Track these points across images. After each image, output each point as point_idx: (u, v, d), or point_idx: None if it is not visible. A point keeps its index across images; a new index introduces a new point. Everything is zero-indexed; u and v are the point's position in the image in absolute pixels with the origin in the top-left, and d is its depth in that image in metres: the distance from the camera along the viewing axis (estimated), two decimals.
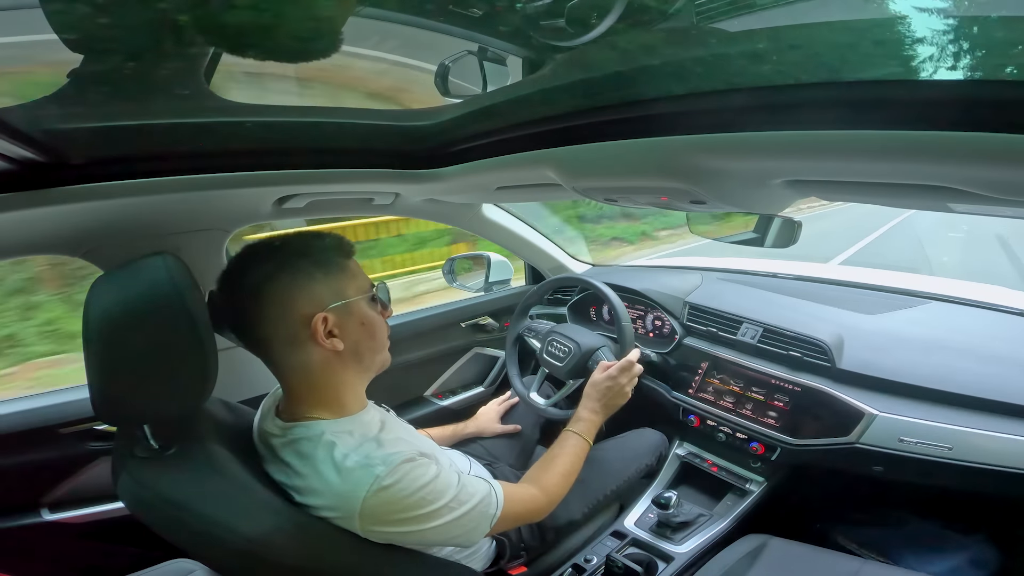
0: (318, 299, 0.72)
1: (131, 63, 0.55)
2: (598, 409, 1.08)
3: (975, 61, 0.41)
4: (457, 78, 0.73)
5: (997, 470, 0.98)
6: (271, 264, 0.71)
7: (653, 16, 0.57)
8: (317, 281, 0.72)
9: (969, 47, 0.41)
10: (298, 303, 0.71)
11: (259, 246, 0.74)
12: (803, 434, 1.18)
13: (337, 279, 0.74)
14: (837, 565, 0.99)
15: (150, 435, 0.67)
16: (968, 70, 0.42)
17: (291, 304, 0.70)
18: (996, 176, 0.47)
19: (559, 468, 0.96)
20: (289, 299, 0.70)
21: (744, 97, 0.55)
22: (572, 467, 0.98)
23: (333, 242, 0.76)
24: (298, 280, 0.71)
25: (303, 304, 0.71)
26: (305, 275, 0.71)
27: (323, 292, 0.72)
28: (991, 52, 0.41)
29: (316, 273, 0.72)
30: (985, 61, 0.41)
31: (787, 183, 0.70)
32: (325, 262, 0.73)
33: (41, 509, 1.06)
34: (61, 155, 0.68)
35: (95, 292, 0.63)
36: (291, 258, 0.72)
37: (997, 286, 1.44)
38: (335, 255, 0.75)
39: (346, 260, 0.76)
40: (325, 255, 0.74)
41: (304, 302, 0.71)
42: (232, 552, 0.64)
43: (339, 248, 0.76)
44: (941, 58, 0.42)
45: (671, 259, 2.01)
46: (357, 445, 0.70)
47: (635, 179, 0.79)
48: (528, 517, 0.90)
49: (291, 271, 0.71)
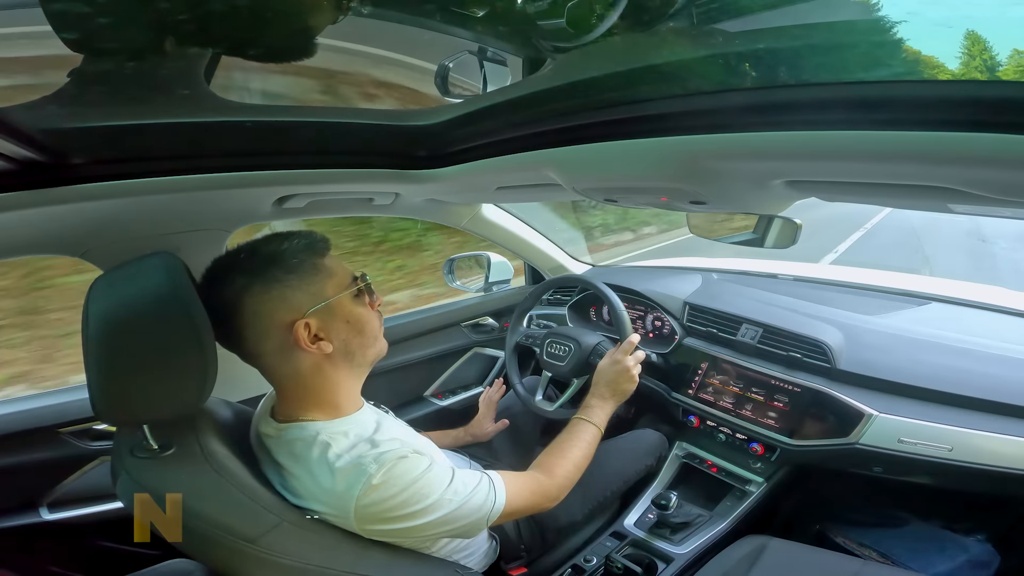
0: (296, 306, 0.70)
1: (131, 63, 0.55)
2: (607, 395, 1.07)
3: (972, 61, 0.41)
4: (457, 78, 0.73)
5: (997, 471, 0.98)
6: (242, 277, 0.69)
7: (653, 16, 0.57)
8: (292, 287, 0.70)
9: (966, 47, 0.42)
10: (277, 313, 0.69)
11: (228, 260, 0.72)
12: (803, 435, 1.18)
13: (313, 281, 0.71)
14: (837, 566, 0.98)
15: (149, 435, 0.67)
16: (966, 70, 0.42)
17: (270, 315, 0.69)
18: (996, 177, 0.47)
19: (568, 453, 0.94)
20: (267, 311, 0.69)
21: (744, 97, 0.55)
22: (583, 453, 0.96)
23: (304, 243, 0.73)
24: (272, 290, 0.69)
25: (282, 313, 0.69)
26: (279, 283, 0.69)
27: (300, 297, 0.70)
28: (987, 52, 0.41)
29: (290, 279, 0.70)
30: (983, 61, 0.41)
31: (787, 183, 0.70)
32: (298, 266, 0.71)
33: (40, 508, 1.06)
34: (61, 155, 0.68)
35: (95, 292, 0.63)
36: (261, 267, 0.70)
37: (997, 287, 1.44)
38: (308, 256, 0.72)
39: (320, 259, 0.74)
40: (297, 258, 0.71)
41: (283, 311, 0.69)
42: (231, 552, 0.63)
43: (311, 248, 0.73)
44: (940, 58, 0.42)
45: (671, 260, 2.01)
46: (351, 446, 0.70)
47: (635, 179, 0.79)
48: (537, 504, 0.87)
49: (264, 281, 0.69)
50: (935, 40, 0.44)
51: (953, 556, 1.18)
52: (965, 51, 0.43)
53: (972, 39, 0.43)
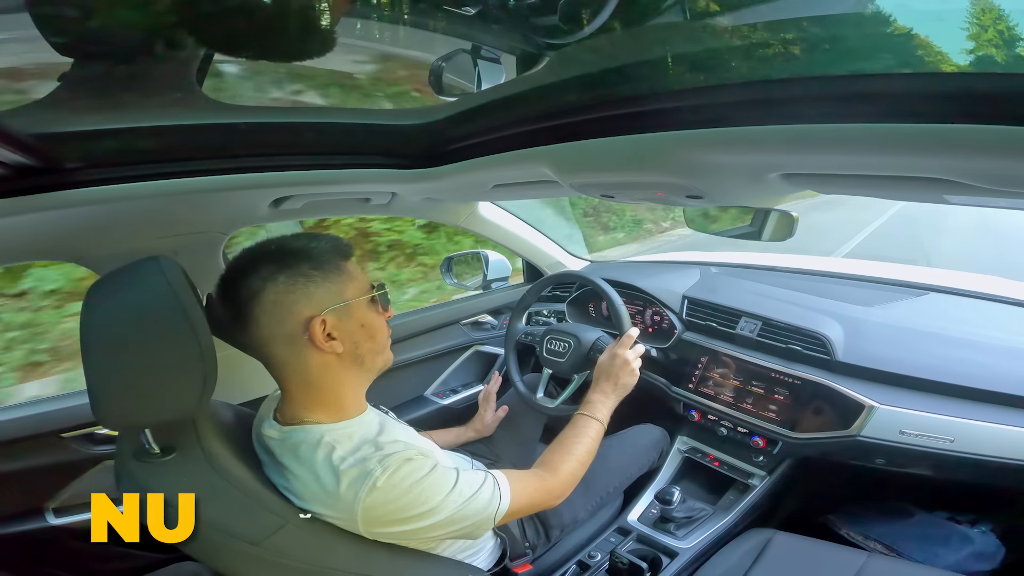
0: (317, 302, 0.71)
1: (122, 66, 0.55)
2: (609, 390, 1.06)
3: (970, 52, 0.41)
4: (451, 77, 0.72)
5: (999, 462, 0.98)
6: (269, 267, 0.71)
7: (646, 11, 0.57)
8: (315, 283, 0.72)
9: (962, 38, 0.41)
10: (297, 306, 0.70)
11: (256, 250, 0.73)
12: (804, 427, 1.18)
13: (336, 281, 0.73)
14: (843, 558, 0.99)
15: (151, 439, 0.67)
16: (964, 61, 0.42)
17: (290, 307, 0.70)
18: (992, 168, 0.47)
19: (572, 449, 0.93)
20: (288, 302, 0.70)
21: (739, 91, 0.55)
22: (586, 448, 0.95)
23: (331, 244, 0.75)
24: (297, 283, 0.71)
25: (302, 307, 0.71)
26: (304, 277, 0.71)
27: (322, 295, 0.72)
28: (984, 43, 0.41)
29: (314, 275, 0.72)
30: (979, 52, 0.41)
31: (783, 177, 0.69)
32: (323, 264, 0.73)
33: (46, 514, 1.07)
34: (55, 159, 0.68)
35: (92, 297, 0.63)
36: (289, 260, 0.71)
37: (997, 277, 1.44)
38: (334, 257, 0.74)
39: (344, 262, 0.76)
40: (323, 257, 0.73)
41: (303, 305, 0.71)
42: (236, 555, 0.64)
43: (337, 250, 0.75)
44: (936, 49, 0.42)
45: (669, 254, 2.01)
46: (356, 448, 0.70)
47: (631, 175, 0.79)
48: (542, 502, 0.87)
49: (289, 274, 0.71)
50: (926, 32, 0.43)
51: (958, 548, 1.18)
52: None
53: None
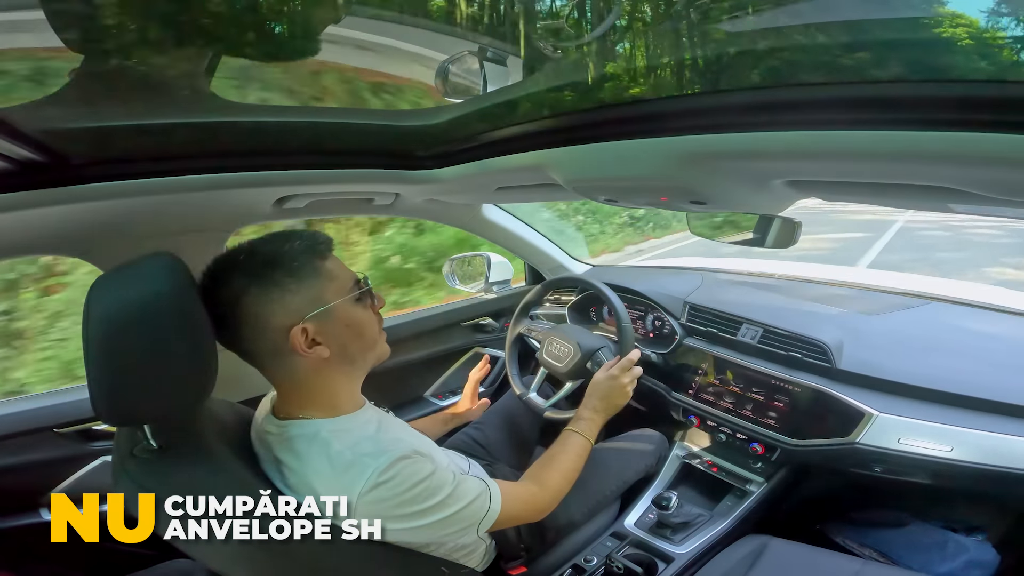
0: (294, 311, 0.68)
1: (131, 63, 0.55)
2: (600, 409, 1.08)
3: (975, 60, 0.41)
4: (457, 78, 0.73)
5: (997, 471, 0.98)
6: (241, 278, 0.68)
7: (653, 16, 0.57)
8: (290, 292, 0.68)
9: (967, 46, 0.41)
10: (274, 317, 0.68)
11: (227, 259, 0.70)
12: (803, 434, 1.18)
13: (312, 286, 0.70)
14: (838, 566, 0.98)
15: (150, 435, 0.67)
16: (968, 70, 0.42)
17: (267, 319, 0.68)
18: (998, 176, 0.47)
19: (560, 466, 0.95)
20: (264, 314, 0.68)
21: (744, 97, 0.55)
22: (573, 465, 0.97)
23: (306, 244, 0.71)
24: (271, 294, 0.68)
25: (279, 318, 0.68)
26: (277, 287, 0.68)
27: (298, 302, 0.69)
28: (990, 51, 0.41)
29: (288, 283, 0.68)
30: (986, 60, 0.41)
31: (788, 183, 0.70)
32: (298, 269, 0.69)
33: (41, 509, 1.06)
34: (61, 155, 0.68)
35: (95, 292, 0.63)
36: (260, 270, 0.68)
37: (997, 287, 1.44)
38: (309, 259, 0.71)
39: (322, 262, 0.72)
40: (298, 261, 0.70)
41: (280, 315, 0.68)
42: (232, 552, 0.63)
43: (313, 250, 0.71)
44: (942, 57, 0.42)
45: (671, 260, 2.01)
46: (353, 443, 0.70)
47: (635, 179, 0.79)
48: (528, 515, 0.89)
49: (261, 284, 0.67)
50: (934, 39, 0.43)
51: (954, 556, 1.18)
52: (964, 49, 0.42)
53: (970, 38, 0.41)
